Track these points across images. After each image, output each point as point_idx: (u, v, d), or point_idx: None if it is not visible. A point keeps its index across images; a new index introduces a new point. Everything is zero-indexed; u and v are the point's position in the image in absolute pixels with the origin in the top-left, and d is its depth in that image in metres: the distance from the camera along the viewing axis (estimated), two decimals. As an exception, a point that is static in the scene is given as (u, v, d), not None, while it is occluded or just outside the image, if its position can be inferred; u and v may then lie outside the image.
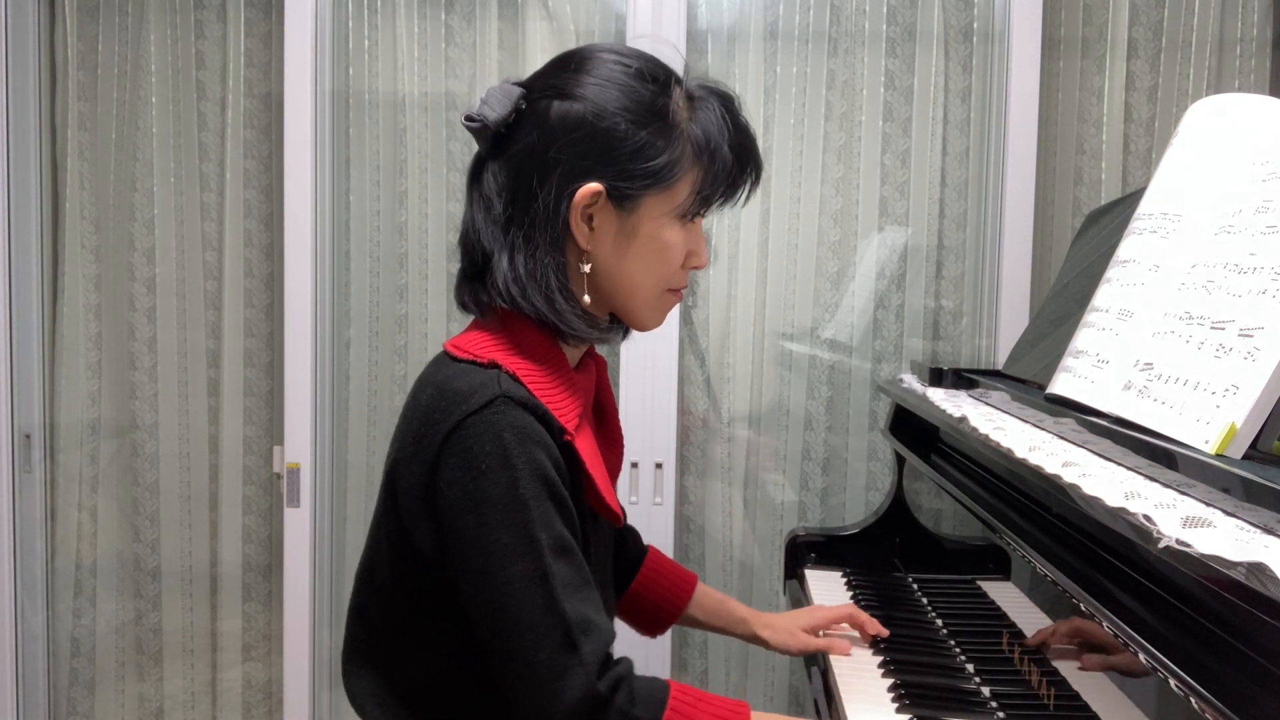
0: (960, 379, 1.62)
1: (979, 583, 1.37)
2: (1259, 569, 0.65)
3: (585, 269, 1.02)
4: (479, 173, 1.04)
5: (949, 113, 2.11)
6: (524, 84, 1.03)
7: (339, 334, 2.17)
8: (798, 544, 1.72)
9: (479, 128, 1.01)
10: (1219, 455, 0.88)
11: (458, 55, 2.15)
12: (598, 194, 0.98)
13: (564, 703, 0.91)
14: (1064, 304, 1.48)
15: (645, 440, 2.05)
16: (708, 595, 1.37)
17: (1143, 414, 1.02)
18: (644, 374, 2.05)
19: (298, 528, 2.08)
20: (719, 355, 2.16)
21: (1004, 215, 2.03)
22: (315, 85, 2.04)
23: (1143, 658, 0.78)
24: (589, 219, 1.00)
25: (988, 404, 1.40)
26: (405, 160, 2.15)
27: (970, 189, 2.12)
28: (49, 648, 2.24)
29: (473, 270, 1.05)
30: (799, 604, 1.49)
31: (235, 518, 2.21)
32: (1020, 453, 1.03)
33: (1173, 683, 0.73)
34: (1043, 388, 1.29)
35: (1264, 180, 1.02)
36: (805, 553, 1.71)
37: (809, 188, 2.12)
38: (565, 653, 0.92)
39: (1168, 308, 1.07)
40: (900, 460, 1.72)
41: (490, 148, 1.03)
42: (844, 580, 1.63)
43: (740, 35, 2.12)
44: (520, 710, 0.95)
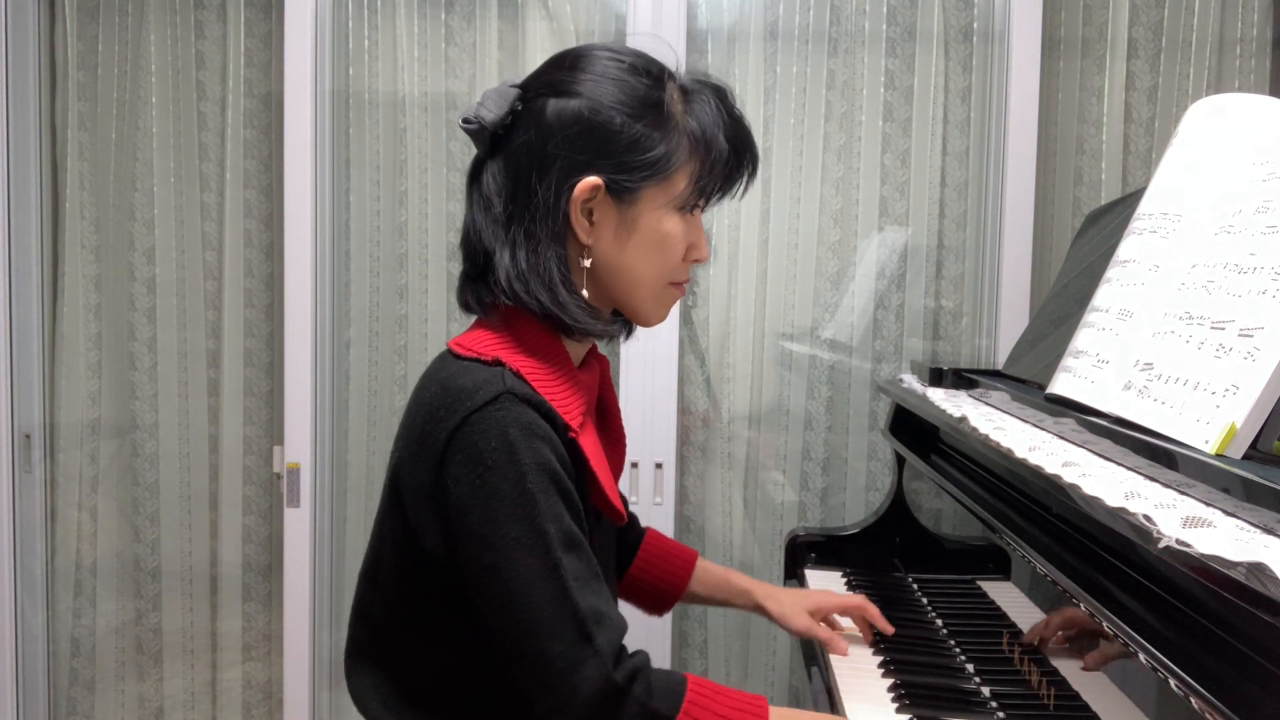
0: (960, 379, 1.62)
1: (979, 583, 1.37)
2: (1259, 569, 0.65)
3: (586, 263, 1.02)
4: (478, 174, 1.05)
5: (949, 113, 2.11)
6: (520, 85, 1.04)
7: (339, 334, 2.17)
8: (798, 544, 1.72)
9: (476, 129, 1.02)
10: (1219, 455, 0.88)
11: (458, 55, 2.15)
12: (597, 188, 0.99)
13: (581, 695, 0.91)
14: (1064, 304, 1.48)
15: (645, 440, 2.05)
16: (709, 571, 1.37)
17: (1143, 414, 1.02)
18: (644, 374, 2.05)
19: (298, 528, 2.08)
20: (719, 355, 2.16)
21: (1004, 215, 2.03)
22: (315, 85, 2.04)
23: (1143, 658, 0.78)
24: (589, 213, 1.01)
25: (988, 404, 1.40)
26: (405, 160, 2.15)
27: (970, 189, 2.12)
28: (49, 648, 2.24)
29: (474, 271, 1.06)
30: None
31: (235, 518, 2.22)
32: (1020, 453, 1.03)
33: (1173, 683, 0.73)
34: (1043, 388, 1.29)
35: (1264, 180, 1.02)
36: (805, 553, 1.71)
37: (809, 188, 2.12)
38: (580, 644, 0.91)
39: (1168, 308, 1.07)
40: (900, 460, 1.72)
41: (488, 149, 1.04)
42: (844, 580, 1.63)
43: (740, 35, 2.12)
44: (537, 705, 0.94)
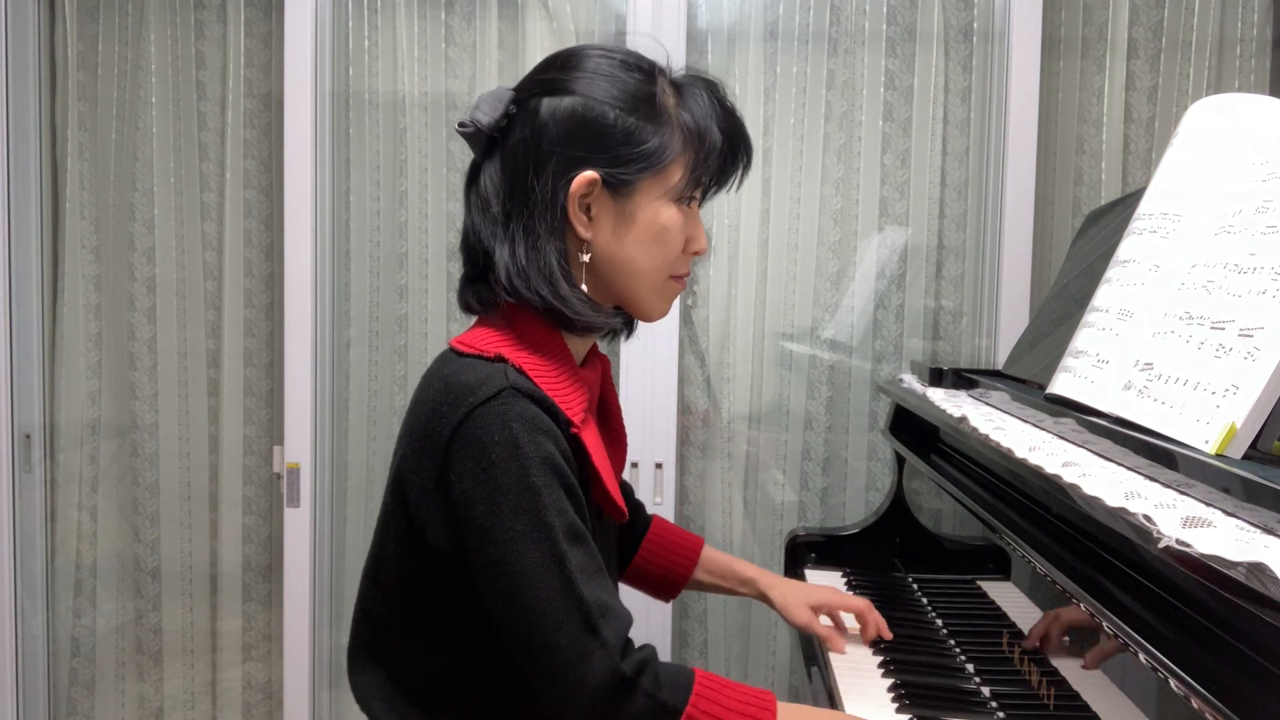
0: (960, 379, 1.62)
1: (979, 583, 1.37)
2: (1259, 569, 0.65)
3: (585, 258, 1.03)
4: (475, 177, 1.06)
5: (949, 113, 2.11)
6: (514, 88, 1.05)
7: (339, 334, 2.17)
8: (798, 544, 1.72)
9: (472, 132, 1.03)
10: (1219, 455, 0.88)
11: (458, 55, 2.15)
12: (593, 182, 1.00)
13: (589, 686, 0.91)
14: (1064, 304, 1.48)
15: (645, 440, 2.05)
16: (714, 558, 1.38)
17: (1143, 414, 1.02)
18: (644, 374, 2.05)
19: (298, 528, 2.08)
20: (719, 355, 2.16)
21: (1004, 215, 2.03)
22: (315, 85, 2.04)
23: (1143, 658, 0.78)
24: (586, 208, 1.02)
25: (988, 404, 1.40)
26: (405, 160, 2.15)
27: (970, 189, 2.12)
28: (49, 648, 2.24)
29: (475, 272, 1.07)
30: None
31: (235, 518, 2.21)
32: (1020, 453, 1.03)
33: (1173, 683, 0.73)
34: (1043, 388, 1.29)
35: (1264, 180, 1.02)
36: (805, 553, 1.71)
37: (809, 188, 2.12)
38: (586, 636, 0.92)
39: (1168, 308, 1.07)
40: (900, 460, 1.72)
41: (485, 152, 1.05)
42: (844, 580, 1.63)
43: (740, 35, 2.12)
44: (544, 698, 0.94)
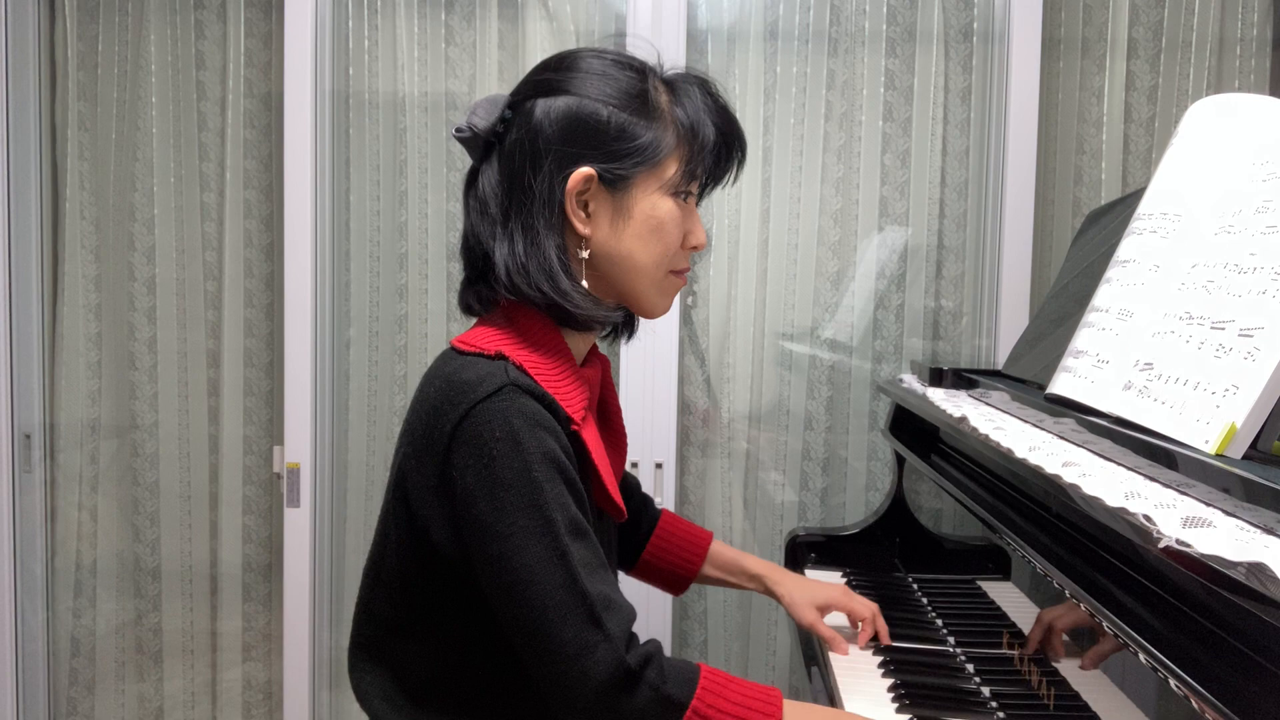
0: (960, 379, 1.62)
1: (979, 583, 1.37)
2: (1259, 569, 0.65)
3: (584, 254, 1.04)
4: (473, 181, 1.08)
5: (949, 113, 2.11)
6: (510, 94, 1.07)
7: (339, 334, 2.17)
8: (798, 544, 1.72)
9: (469, 137, 1.05)
10: (1219, 455, 0.88)
11: (458, 55, 2.15)
12: (590, 178, 1.01)
13: (594, 678, 0.92)
14: (1064, 304, 1.48)
15: (645, 440, 2.05)
16: (722, 553, 1.38)
17: (1143, 414, 1.02)
18: (644, 374, 2.05)
19: (298, 528, 2.08)
20: (719, 355, 2.16)
21: (1004, 215, 2.03)
22: (315, 85, 2.04)
23: (1143, 658, 0.78)
24: (584, 205, 1.03)
25: (988, 404, 1.40)
26: (405, 160, 2.15)
27: (970, 189, 2.12)
28: (49, 648, 2.24)
29: (475, 274, 1.08)
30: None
31: (235, 518, 2.21)
32: (1020, 453, 1.03)
33: (1173, 683, 0.73)
34: (1043, 388, 1.29)
35: (1264, 180, 1.02)
36: (805, 553, 1.71)
37: (809, 188, 2.12)
38: (590, 628, 0.92)
39: (1168, 308, 1.07)
40: (900, 460, 1.72)
41: (482, 156, 1.07)
42: (844, 580, 1.63)
43: (740, 35, 2.12)
44: (550, 693, 0.95)
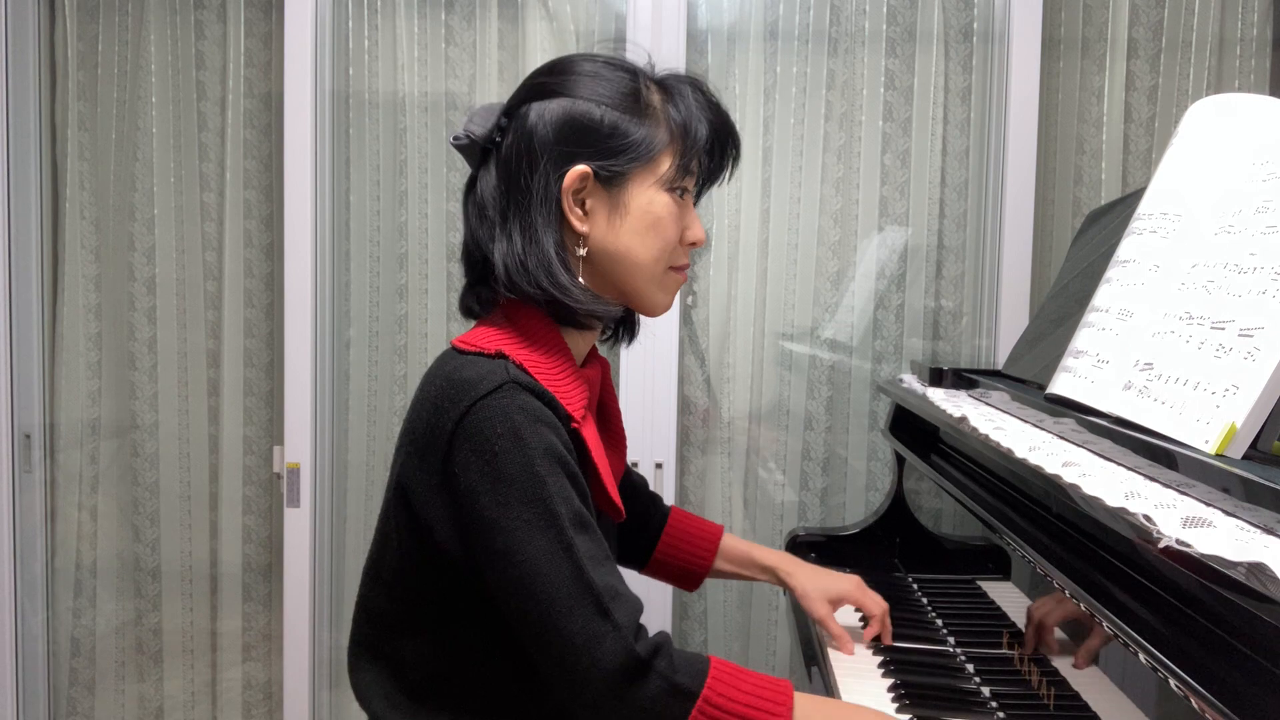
0: (960, 379, 1.62)
1: (979, 583, 1.37)
2: (1259, 569, 0.65)
3: (582, 252, 1.05)
4: (471, 188, 1.09)
5: (949, 113, 2.11)
6: (505, 102, 1.09)
7: (339, 334, 2.17)
8: (798, 544, 1.71)
9: (466, 144, 1.06)
10: (1219, 455, 0.88)
11: (458, 55, 2.15)
12: (586, 176, 1.02)
13: (603, 669, 0.91)
14: (1064, 304, 1.48)
15: (645, 440, 2.05)
16: (734, 546, 1.38)
17: (1143, 414, 1.01)
18: (644, 374, 2.05)
19: (298, 528, 2.08)
20: (719, 355, 2.16)
21: (1004, 215, 2.03)
22: (315, 85, 2.04)
23: (1143, 658, 0.78)
24: (581, 203, 1.04)
25: (988, 404, 1.40)
26: (405, 160, 2.15)
27: (970, 189, 2.12)
28: (49, 648, 2.24)
29: (475, 278, 1.09)
30: (798, 604, 1.49)
31: (235, 518, 2.21)
32: (1020, 453, 1.03)
33: (1173, 683, 0.73)
34: (1043, 388, 1.29)
35: (1264, 180, 1.02)
36: (805, 553, 1.71)
37: (809, 188, 2.12)
38: (598, 619, 0.92)
39: (1168, 308, 1.06)
40: (900, 460, 1.72)
41: (480, 162, 1.08)
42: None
43: (740, 35, 2.12)
44: (560, 686, 0.95)
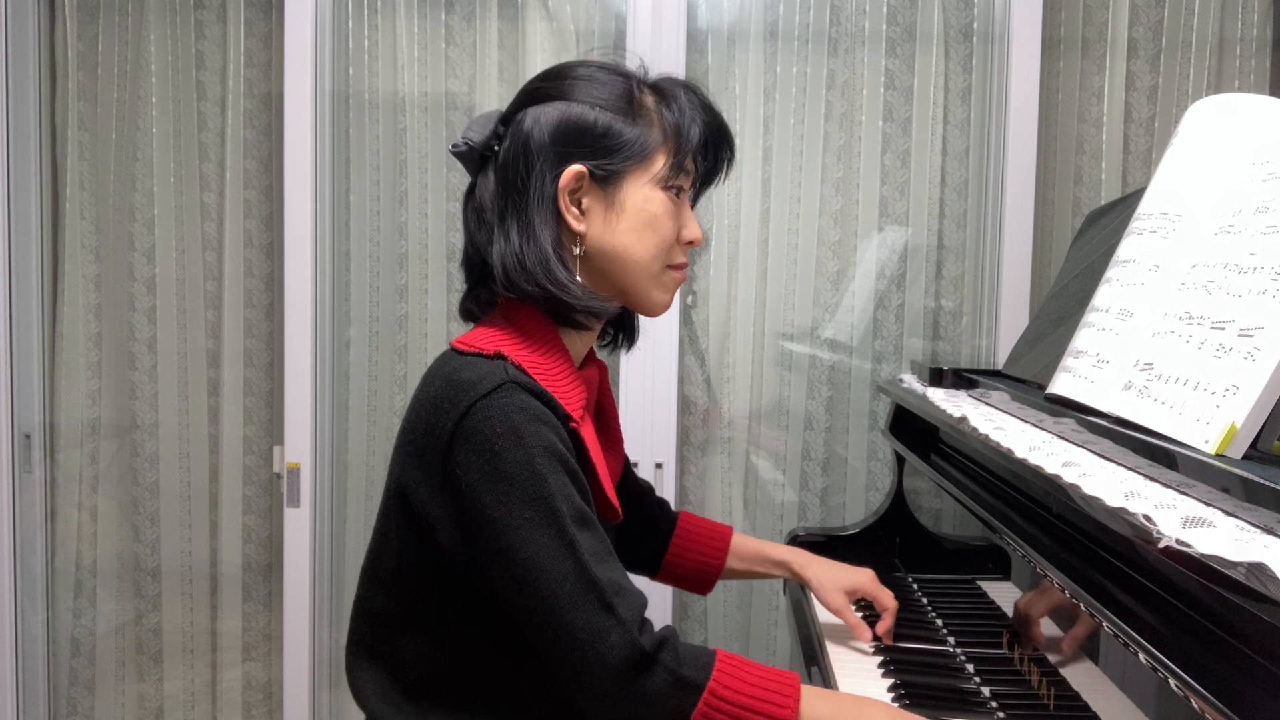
0: (960, 379, 1.62)
1: (979, 583, 1.37)
2: (1259, 569, 0.65)
3: (578, 251, 1.06)
4: (471, 194, 1.10)
5: (949, 113, 2.11)
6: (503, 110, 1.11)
7: (339, 334, 2.17)
8: (798, 544, 1.71)
9: (465, 150, 1.08)
10: (1219, 455, 0.88)
11: (458, 55, 2.15)
12: (581, 175, 1.04)
13: (609, 663, 0.92)
14: (1064, 304, 1.48)
15: (645, 440, 2.05)
16: (745, 545, 1.39)
17: (1143, 414, 1.01)
18: (644, 374, 2.05)
19: (298, 528, 2.08)
20: (719, 355, 2.16)
21: (1004, 215, 2.03)
22: (315, 85, 2.04)
23: (1143, 658, 0.78)
24: (578, 203, 1.05)
25: (988, 404, 1.40)
26: (405, 160, 2.15)
27: (970, 189, 2.12)
28: (49, 648, 2.24)
29: (474, 281, 1.11)
30: (799, 604, 1.49)
31: (235, 518, 2.21)
32: (1020, 453, 1.03)
33: (1173, 683, 0.73)
34: (1043, 388, 1.29)
35: (1264, 180, 1.02)
36: (805, 553, 1.71)
37: (809, 188, 2.12)
38: (602, 614, 0.93)
39: (1168, 308, 1.07)
40: (900, 460, 1.72)
41: (478, 169, 1.10)
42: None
43: (740, 35, 2.12)
44: (567, 681, 0.96)
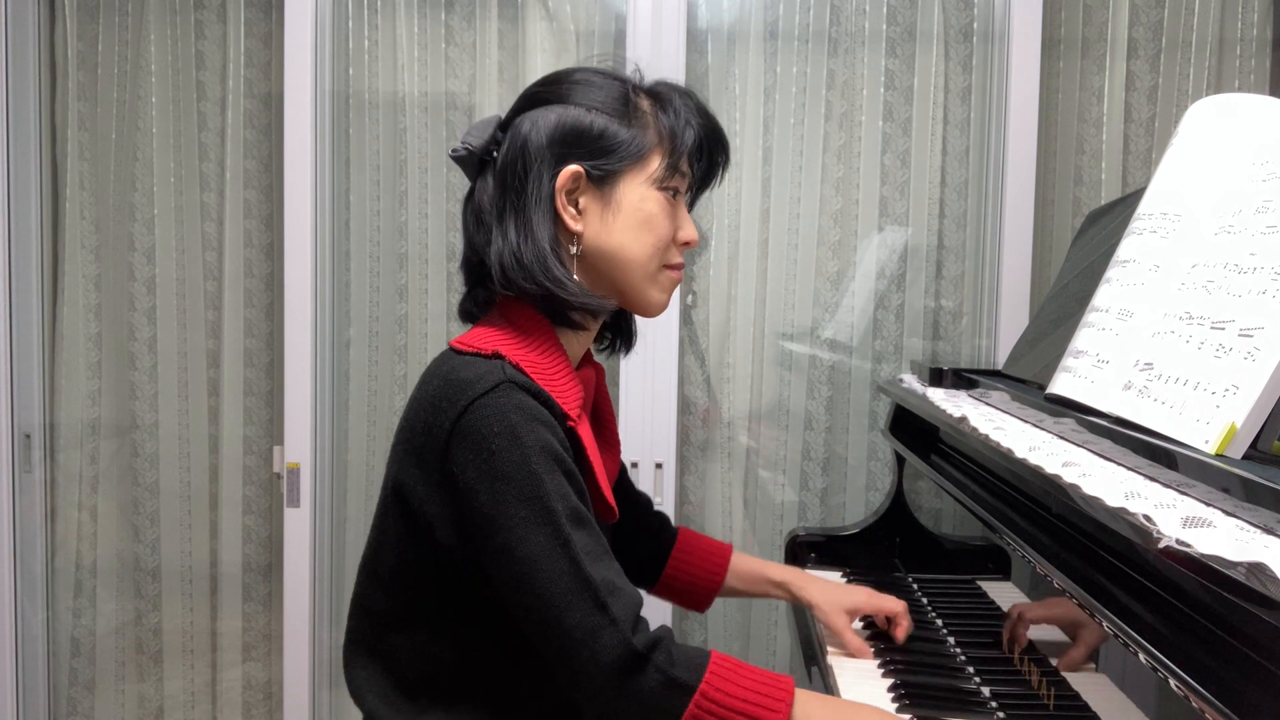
0: (960, 379, 1.62)
1: (979, 583, 1.37)
2: (1259, 569, 0.65)
3: (575, 250, 1.07)
4: (470, 197, 1.11)
5: (949, 113, 2.11)
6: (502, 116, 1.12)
7: (339, 334, 2.17)
8: (798, 544, 1.71)
9: (464, 155, 1.09)
10: (1219, 455, 0.88)
11: (458, 55, 2.15)
12: (578, 175, 1.05)
13: (602, 662, 0.93)
14: (1064, 304, 1.48)
15: (645, 440, 2.05)
16: (744, 564, 1.38)
17: (1143, 414, 1.01)
18: (644, 374, 2.05)
19: (298, 528, 2.08)
20: (719, 355, 2.16)
21: (1004, 215, 2.03)
22: (315, 85, 2.04)
23: (1143, 658, 0.78)
24: (575, 203, 1.06)
25: (988, 404, 1.40)
26: (405, 160, 2.15)
27: (970, 189, 2.12)
28: (49, 648, 2.24)
29: (473, 282, 1.12)
30: (799, 605, 1.50)
31: (235, 518, 2.21)
32: (1020, 453, 1.03)
33: (1173, 683, 0.73)
34: (1043, 388, 1.29)
35: (1264, 180, 1.02)
36: (805, 553, 1.71)
37: (809, 188, 2.12)
38: (596, 613, 0.94)
39: (1168, 308, 1.06)
40: (900, 460, 1.72)
41: (477, 173, 1.11)
42: (844, 580, 1.63)
43: (740, 35, 2.12)
44: (562, 678, 0.97)
